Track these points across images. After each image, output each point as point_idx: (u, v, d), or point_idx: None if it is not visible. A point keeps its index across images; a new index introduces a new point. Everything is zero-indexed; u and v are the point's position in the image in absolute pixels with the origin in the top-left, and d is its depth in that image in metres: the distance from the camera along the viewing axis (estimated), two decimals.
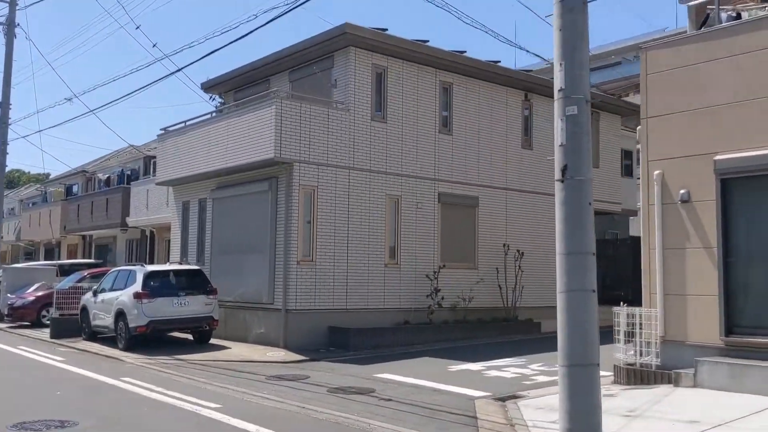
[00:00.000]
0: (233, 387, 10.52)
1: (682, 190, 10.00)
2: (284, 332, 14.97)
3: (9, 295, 22.22)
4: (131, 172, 30.75)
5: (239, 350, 14.89)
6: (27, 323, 21.06)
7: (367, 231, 16.17)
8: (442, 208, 17.59)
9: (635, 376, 10.12)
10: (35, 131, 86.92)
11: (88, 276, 20.33)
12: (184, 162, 18.26)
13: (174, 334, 16.58)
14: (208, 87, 20.48)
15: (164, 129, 19.50)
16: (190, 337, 16.24)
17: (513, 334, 17.26)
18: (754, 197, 9.48)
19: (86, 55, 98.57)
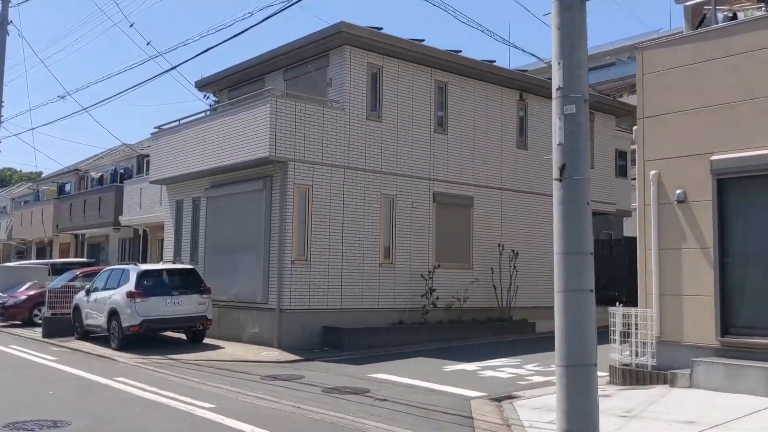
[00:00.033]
0: (227, 387, 10.45)
1: (679, 190, 10.00)
2: (278, 332, 14.91)
3: (1, 294, 22.09)
4: (124, 171, 30.61)
5: (233, 350, 14.82)
6: (19, 322, 20.94)
7: (362, 230, 16.12)
8: (437, 208, 17.55)
9: (631, 377, 10.12)
10: (28, 129, 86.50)
11: (81, 275, 20.24)
12: (178, 160, 18.18)
13: (167, 334, 16.49)
14: (203, 85, 20.39)
15: (158, 127, 19.40)
16: (184, 337, 16.16)
17: (508, 334, 17.24)
18: (751, 197, 9.48)
19: (79, 53, 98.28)
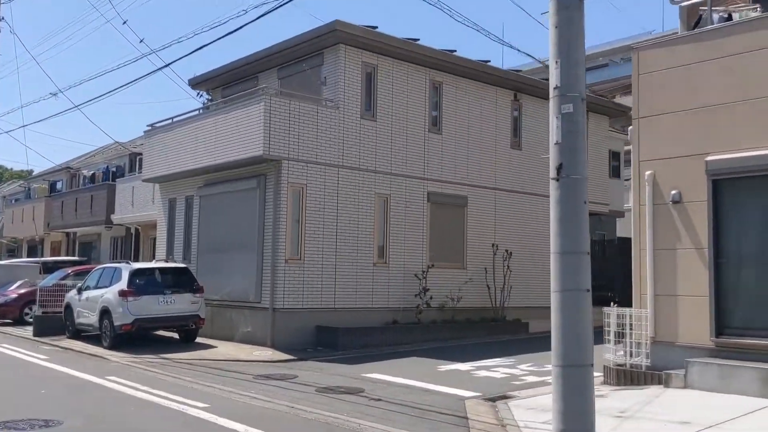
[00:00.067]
0: (220, 386, 10.39)
1: (674, 191, 10.00)
2: (271, 331, 14.84)
3: None
4: (116, 169, 30.47)
5: (226, 349, 14.75)
6: (9, 321, 20.80)
7: (356, 230, 16.07)
8: (431, 208, 17.53)
9: (625, 377, 10.11)
10: (19, 126, 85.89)
11: (72, 273, 20.12)
12: (171, 159, 18.08)
13: (159, 333, 16.39)
14: (196, 83, 20.30)
15: (151, 125, 19.30)
16: (176, 336, 16.07)
17: (501, 334, 17.23)
18: (746, 198, 9.48)
19: (72, 50, 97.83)
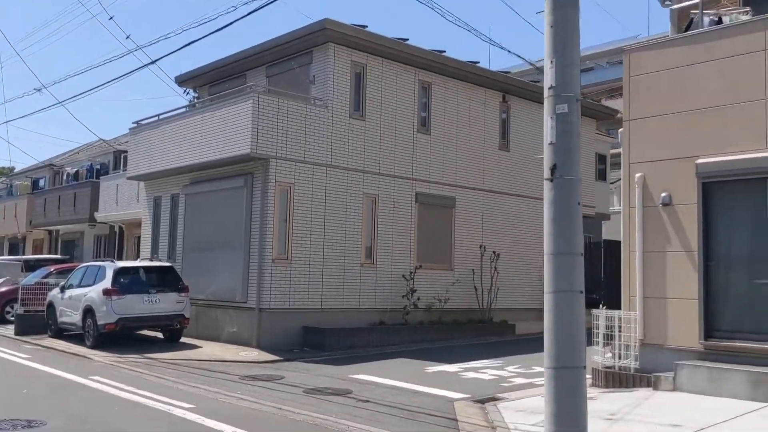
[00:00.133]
0: (206, 387, 10.26)
1: (664, 193, 9.99)
2: (257, 331, 14.71)
3: None
4: (101, 167, 30.14)
5: (211, 349, 14.60)
6: None
7: (344, 230, 15.98)
8: (419, 208, 17.46)
9: (614, 379, 10.10)
10: (2, 122, 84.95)
11: (55, 272, 19.83)
12: (157, 156, 17.89)
13: (143, 332, 16.20)
14: (183, 81, 20.11)
15: (137, 122, 19.09)
16: (160, 336, 15.89)
17: (488, 336, 17.19)
18: (736, 201, 9.50)
19: (57, 46, 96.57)
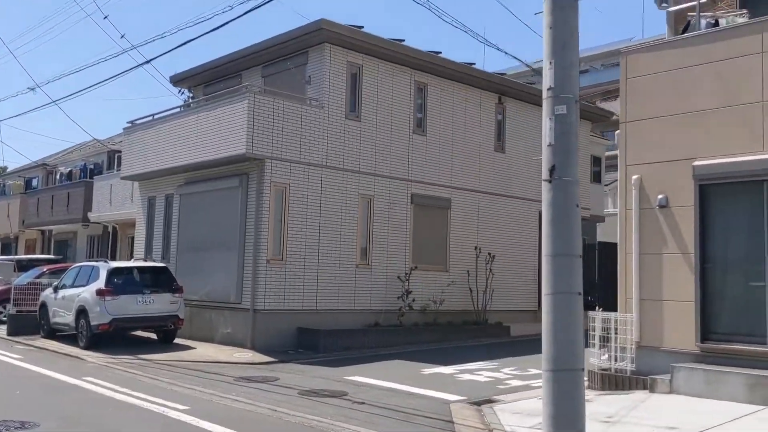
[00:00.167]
0: (200, 388, 10.19)
1: (660, 195, 9.99)
2: (252, 333, 14.64)
3: None
4: (94, 167, 30.00)
5: (205, 350, 14.52)
6: None
7: (339, 231, 15.92)
8: (415, 209, 17.42)
9: (610, 382, 10.08)
10: None
11: (48, 272, 19.73)
12: (152, 156, 17.81)
13: (137, 333, 16.12)
14: (178, 80, 20.02)
15: (131, 122, 18.99)
16: (154, 337, 15.81)
17: (483, 338, 17.15)
18: (733, 204, 9.50)
19: (51, 44, 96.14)
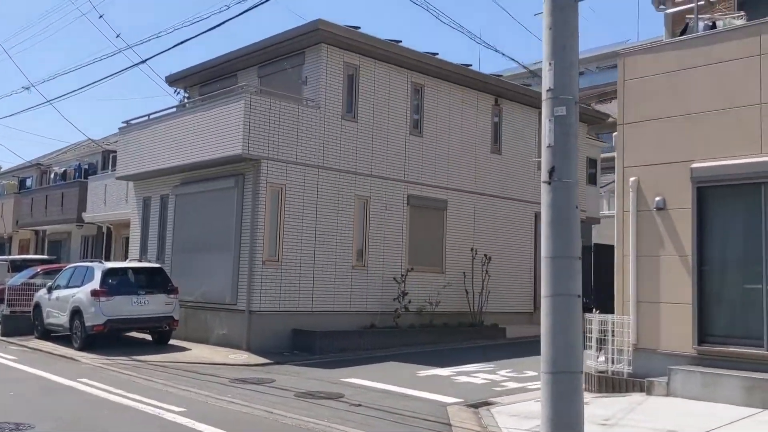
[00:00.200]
0: (196, 390, 10.13)
1: (658, 198, 9.98)
2: (247, 334, 14.57)
3: None
4: (89, 167, 29.88)
5: (200, 352, 14.45)
6: None
7: (335, 232, 15.88)
8: (411, 211, 17.38)
9: (606, 384, 10.06)
10: None
11: (41, 272, 19.63)
12: (147, 156, 17.73)
13: (131, 334, 16.04)
14: (173, 80, 19.95)
15: (127, 122, 18.91)
16: (149, 338, 15.73)
17: (479, 339, 17.10)
18: (730, 206, 9.49)
19: (46, 43, 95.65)
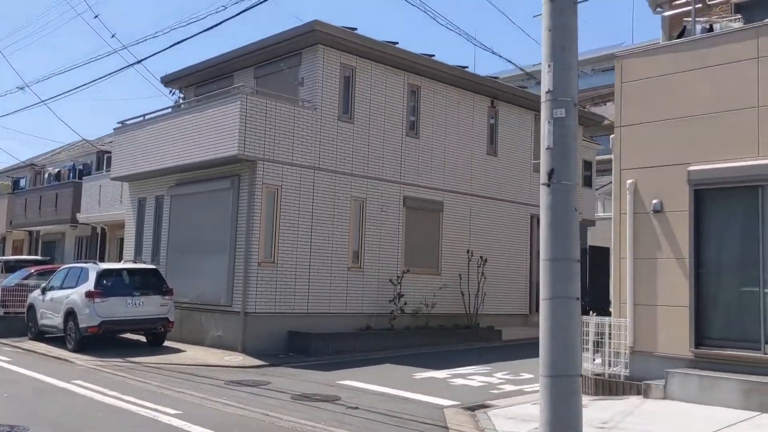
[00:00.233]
0: (191, 392, 10.07)
1: (655, 200, 9.97)
2: (243, 336, 14.51)
3: None
4: (83, 167, 29.77)
5: (195, 353, 14.39)
6: None
7: (331, 233, 15.84)
8: (407, 212, 17.36)
9: (603, 387, 10.04)
10: None
11: (35, 273, 19.54)
12: (142, 157, 17.65)
13: (126, 336, 15.97)
14: (169, 81, 19.87)
15: (122, 122, 18.83)
16: (143, 339, 15.65)
17: (475, 342, 17.07)
18: (727, 209, 9.49)
19: (41, 43, 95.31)
